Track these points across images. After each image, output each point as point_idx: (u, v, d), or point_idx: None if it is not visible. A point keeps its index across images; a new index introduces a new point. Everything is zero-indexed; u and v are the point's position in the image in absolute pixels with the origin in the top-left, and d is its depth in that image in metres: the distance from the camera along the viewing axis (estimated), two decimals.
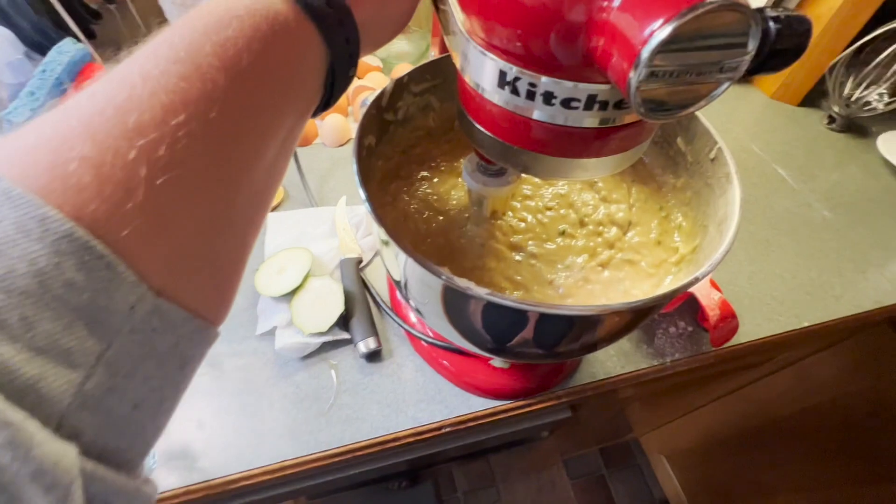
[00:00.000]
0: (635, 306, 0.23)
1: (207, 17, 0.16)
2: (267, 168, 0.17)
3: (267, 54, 0.16)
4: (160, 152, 0.13)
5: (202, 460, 0.39)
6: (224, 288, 0.17)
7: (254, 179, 0.17)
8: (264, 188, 0.18)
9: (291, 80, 0.17)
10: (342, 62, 0.19)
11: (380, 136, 0.34)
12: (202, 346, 0.16)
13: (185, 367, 0.15)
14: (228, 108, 0.15)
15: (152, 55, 0.15)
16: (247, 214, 0.17)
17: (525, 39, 0.18)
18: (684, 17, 0.14)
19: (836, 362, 0.75)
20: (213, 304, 0.16)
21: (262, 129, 0.16)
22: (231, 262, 0.17)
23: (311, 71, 0.18)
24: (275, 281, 0.46)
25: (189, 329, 0.15)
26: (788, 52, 0.16)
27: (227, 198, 0.16)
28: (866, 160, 0.69)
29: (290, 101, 0.18)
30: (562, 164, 0.23)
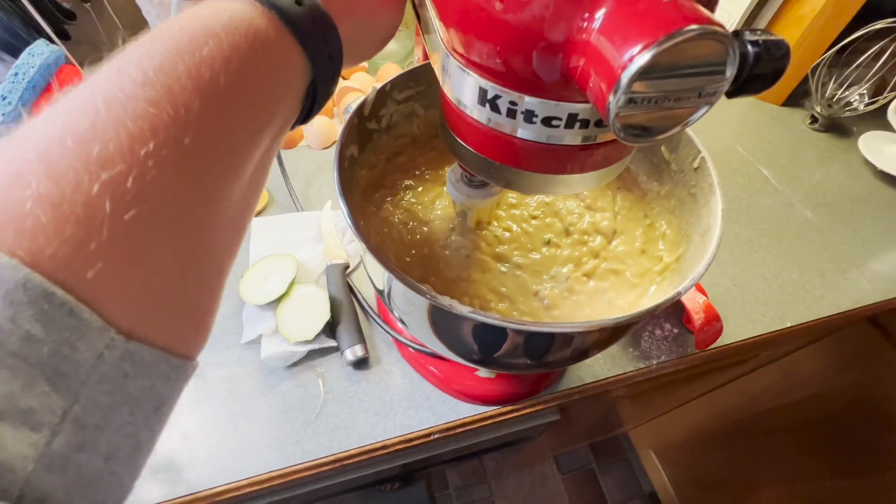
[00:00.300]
0: (616, 323, 0.23)
1: (180, 35, 0.14)
2: (244, 189, 0.17)
3: (246, 74, 0.15)
4: (127, 185, 0.12)
5: (187, 473, 0.38)
6: (201, 319, 0.16)
7: (231, 203, 0.16)
8: (242, 210, 0.17)
9: (271, 99, 0.17)
10: (324, 78, 0.19)
11: (363, 146, 0.34)
12: (180, 382, 0.15)
13: (162, 407, 0.15)
14: (203, 133, 0.14)
15: (117, 77, 0.14)
16: (224, 240, 0.16)
17: (505, 57, 0.18)
18: (663, 45, 0.14)
19: (818, 359, 0.76)
20: (190, 338, 0.16)
21: (239, 150, 0.16)
22: (208, 292, 0.16)
23: (292, 88, 0.18)
24: (259, 288, 0.45)
25: (165, 369, 0.14)
26: (767, 77, 0.16)
27: (202, 226, 0.15)
28: (848, 160, 0.70)
29: (270, 120, 0.17)
30: (544, 180, 0.23)
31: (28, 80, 0.46)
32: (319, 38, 0.17)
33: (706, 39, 0.14)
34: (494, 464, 1.27)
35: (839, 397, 0.78)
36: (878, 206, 0.64)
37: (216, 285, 0.17)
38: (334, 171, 0.27)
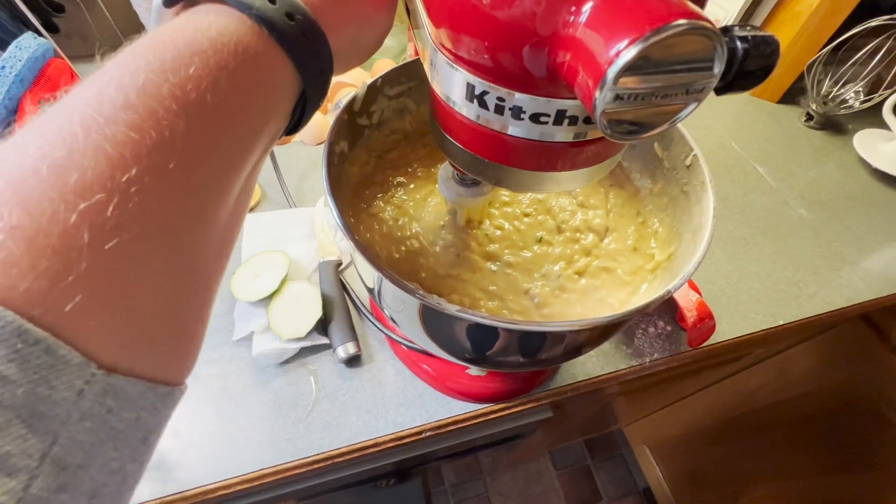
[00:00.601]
0: (606, 321, 0.23)
1: (164, 52, 0.14)
2: (231, 208, 0.16)
3: (235, 92, 0.14)
4: (108, 213, 0.12)
5: (178, 470, 0.38)
6: (189, 345, 0.16)
7: (219, 224, 0.15)
8: (229, 229, 0.17)
9: (261, 116, 0.16)
10: (314, 91, 0.18)
11: (353, 142, 0.33)
12: (167, 410, 0.15)
13: (150, 437, 0.14)
14: (190, 157, 0.13)
15: (96, 99, 0.13)
16: (211, 262, 0.16)
17: (491, 52, 0.18)
18: (650, 40, 0.13)
19: (811, 356, 0.77)
20: (177, 365, 0.15)
21: (227, 170, 0.15)
22: (195, 317, 0.16)
23: (282, 102, 0.17)
24: (251, 285, 0.45)
25: (151, 399, 0.14)
26: (756, 73, 0.15)
27: (189, 251, 0.14)
28: (843, 157, 0.70)
29: (259, 136, 0.16)
30: (534, 178, 0.22)
31: (16, 74, 0.46)
32: (310, 52, 0.17)
33: (694, 35, 0.13)
34: (490, 460, 1.27)
35: (832, 394, 0.79)
36: (873, 204, 0.64)
37: (204, 309, 0.16)
38: (323, 167, 0.27)
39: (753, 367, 0.80)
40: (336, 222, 0.25)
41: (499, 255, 0.32)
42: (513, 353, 0.27)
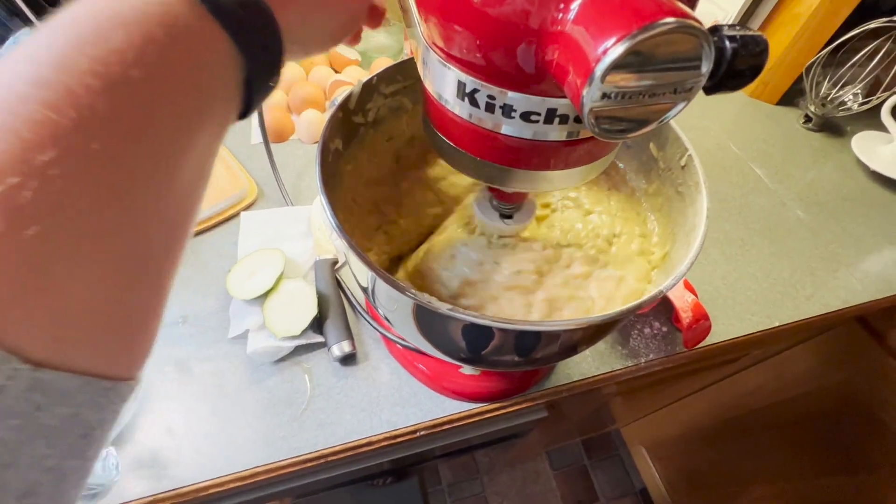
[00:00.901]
0: (598, 321, 0.23)
1: (84, 24, 0.12)
2: (182, 193, 0.15)
3: (164, 67, 0.13)
4: (24, 199, 0.11)
5: (172, 467, 0.38)
6: (136, 339, 0.15)
7: (165, 209, 0.15)
8: (179, 216, 0.16)
9: (197, 94, 0.15)
10: (261, 71, 0.17)
11: (348, 140, 0.33)
12: (113, 405, 0.14)
13: (93, 433, 0.14)
14: (116, 137, 0.12)
15: (7, 74, 0.12)
16: (158, 251, 0.15)
17: (481, 50, 0.18)
18: (637, 38, 0.13)
19: (808, 358, 0.77)
20: (121, 359, 0.14)
21: (164, 153, 0.14)
22: (141, 309, 0.15)
23: (223, 81, 0.16)
24: (247, 283, 0.45)
25: (89, 394, 0.13)
26: (745, 72, 0.15)
27: (127, 240, 0.13)
28: (841, 159, 0.70)
29: (198, 117, 0.15)
30: (526, 176, 0.22)
31: None
32: (251, 26, 0.16)
33: (681, 33, 0.13)
34: (487, 459, 1.27)
35: (829, 396, 0.79)
36: (870, 206, 0.64)
37: (152, 301, 0.15)
38: (316, 165, 0.27)
39: (750, 368, 0.80)
40: (328, 218, 0.25)
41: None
42: (506, 352, 0.27)
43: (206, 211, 0.50)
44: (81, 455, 0.14)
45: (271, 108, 0.60)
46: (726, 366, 0.76)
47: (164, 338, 0.44)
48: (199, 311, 0.46)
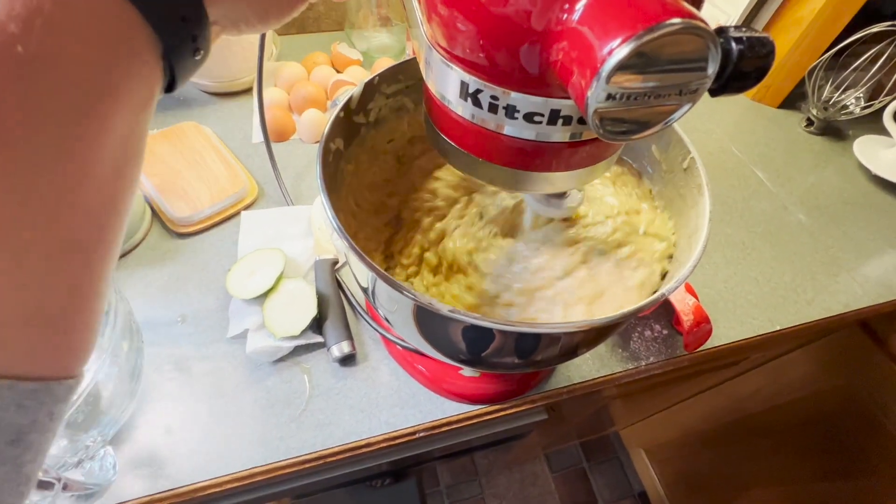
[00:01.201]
0: (599, 324, 0.22)
1: None
2: (100, 181, 0.14)
3: (56, 40, 0.12)
4: None
5: (169, 467, 0.38)
6: (64, 338, 0.14)
7: (82, 200, 0.14)
8: (105, 203, 0.15)
9: (104, 72, 0.14)
10: (178, 42, 0.15)
11: (349, 140, 0.33)
12: (44, 406, 0.13)
13: (23, 437, 0.13)
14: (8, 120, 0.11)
15: None
16: (82, 241, 0.14)
17: (485, 50, 0.18)
18: (643, 38, 0.13)
19: (808, 362, 0.77)
20: (48, 357, 0.14)
21: (71, 137, 0.13)
22: (66, 306, 0.14)
23: (135, 55, 0.14)
24: (246, 283, 0.45)
25: (10, 398, 0.12)
26: (751, 74, 0.15)
27: (34, 229, 0.12)
28: (843, 163, 0.70)
29: (110, 97, 0.14)
30: (527, 177, 0.22)
31: None
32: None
33: (687, 34, 0.13)
34: (485, 461, 1.27)
35: (828, 400, 0.78)
36: (872, 211, 0.64)
37: (79, 297, 0.14)
38: (317, 164, 0.27)
39: (750, 372, 0.80)
40: (328, 218, 0.24)
41: None
42: (507, 354, 0.27)
43: (206, 210, 0.50)
44: (14, 461, 0.13)
45: (272, 107, 0.60)
46: (726, 369, 0.75)
47: (162, 337, 0.44)
48: (198, 310, 0.45)
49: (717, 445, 1.03)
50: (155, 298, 0.46)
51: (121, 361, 0.36)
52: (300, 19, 0.73)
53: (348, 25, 0.70)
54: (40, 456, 0.14)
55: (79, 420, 0.33)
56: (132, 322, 0.38)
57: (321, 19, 0.74)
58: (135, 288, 0.46)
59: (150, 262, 0.48)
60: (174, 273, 0.48)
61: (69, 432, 0.33)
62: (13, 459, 0.13)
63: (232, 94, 0.65)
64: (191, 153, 0.54)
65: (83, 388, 0.31)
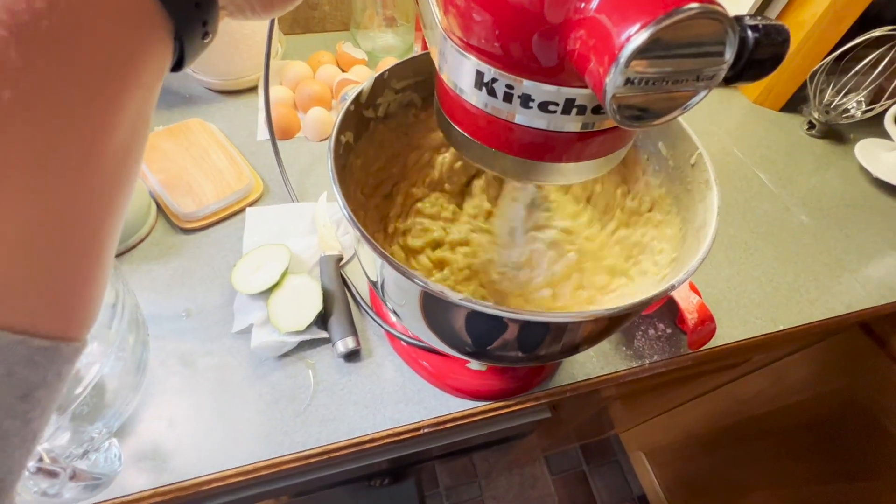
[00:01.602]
0: (610, 314, 0.23)
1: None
2: (112, 158, 0.15)
3: (77, 16, 0.13)
4: None
5: (173, 461, 0.38)
6: (73, 299, 0.15)
7: (97, 172, 0.14)
8: (115, 178, 0.15)
9: (120, 48, 0.14)
10: (191, 29, 0.16)
11: (359, 134, 0.33)
12: (53, 365, 0.14)
13: (33, 393, 0.13)
14: (31, 88, 0.12)
15: None
16: (90, 208, 0.15)
17: (501, 40, 0.18)
18: (661, 24, 0.13)
19: (809, 364, 0.77)
20: (59, 316, 0.14)
21: (84, 104, 0.13)
22: (75, 268, 0.15)
23: (148, 31, 0.15)
24: (252, 278, 0.45)
25: (24, 353, 0.13)
26: (766, 62, 0.15)
27: (53, 191, 0.13)
28: (844, 166, 0.70)
29: (132, 72, 0.15)
30: (540, 168, 0.22)
31: None
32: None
33: (706, 19, 0.13)
34: (485, 463, 1.27)
35: (829, 403, 0.79)
36: (873, 213, 0.65)
37: (87, 260, 0.15)
38: (329, 157, 0.27)
39: (751, 374, 0.80)
40: (340, 207, 0.25)
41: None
42: (515, 345, 0.27)
43: (212, 205, 0.50)
44: (22, 416, 0.13)
45: (278, 105, 0.60)
46: (726, 371, 0.76)
47: (167, 331, 0.44)
48: (203, 304, 0.45)
49: (718, 448, 1.03)
50: (160, 293, 0.46)
51: (126, 354, 0.36)
52: (305, 19, 0.74)
53: (353, 25, 0.71)
54: (46, 414, 0.14)
55: (84, 412, 0.33)
56: (139, 315, 0.38)
57: (326, 19, 0.75)
58: (140, 282, 0.46)
59: (155, 257, 0.48)
60: (179, 268, 0.48)
61: (74, 424, 0.33)
62: (23, 414, 0.13)
63: (237, 91, 0.65)
64: (196, 149, 0.54)
65: (89, 381, 0.31)
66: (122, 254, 0.48)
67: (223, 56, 0.61)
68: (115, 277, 0.33)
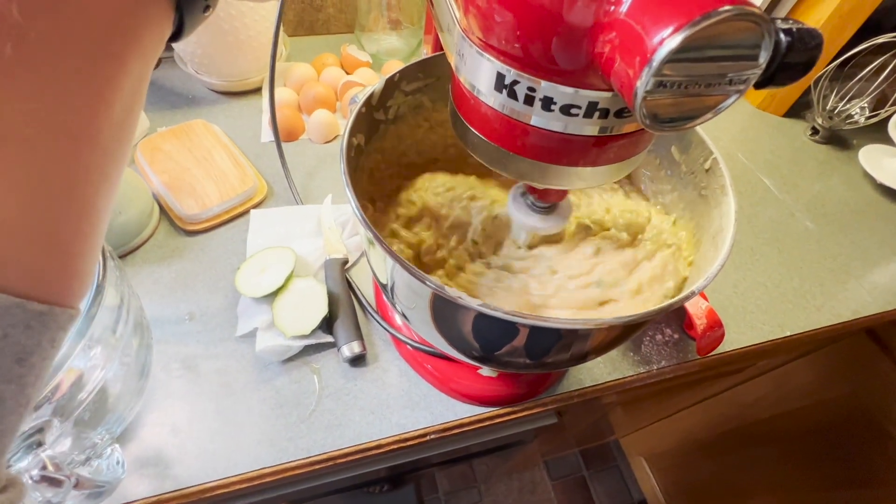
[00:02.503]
0: (626, 321, 0.22)
1: None
2: (114, 121, 0.15)
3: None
4: None
5: (176, 467, 0.37)
6: (68, 263, 0.15)
7: (97, 136, 0.14)
8: (112, 145, 0.15)
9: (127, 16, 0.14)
10: (192, 1, 0.16)
11: (369, 136, 0.33)
12: (48, 332, 0.14)
13: (28, 358, 0.13)
14: (34, 46, 0.12)
15: None
16: (88, 175, 0.15)
17: (526, 41, 0.18)
18: (697, 26, 0.13)
19: (813, 369, 0.77)
20: (53, 281, 0.14)
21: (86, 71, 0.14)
22: (72, 233, 0.15)
23: (150, 6, 0.15)
24: (256, 281, 0.44)
25: (20, 316, 0.13)
26: (798, 66, 0.15)
27: (50, 153, 0.13)
28: (848, 172, 0.70)
29: (133, 36, 0.15)
30: (558, 172, 0.22)
31: None
32: None
33: (742, 21, 0.13)
34: (485, 468, 1.26)
35: (832, 409, 0.78)
36: (877, 219, 0.65)
37: (83, 224, 0.15)
38: (341, 158, 0.27)
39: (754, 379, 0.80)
40: (353, 209, 0.24)
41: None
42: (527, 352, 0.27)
43: (216, 207, 0.50)
44: (18, 381, 0.13)
45: (282, 107, 0.60)
46: (731, 376, 0.75)
47: (170, 335, 0.43)
48: (207, 308, 0.45)
49: (719, 454, 1.03)
50: (163, 296, 0.45)
51: (130, 359, 0.35)
52: (310, 21, 0.74)
53: (358, 28, 0.70)
54: (39, 381, 0.14)
55: (85, 418, 0.32)
56: (143, 318, 0.37)
57: (331, 21, 0.75)
58: (143, 285, 0.46)
59: (158, 260, 0.48)
60: (182, 270, 0.47)
61: (76, 430, 0.32)
62: (18, 378, 0.13)
63: (241, 93, 0.64)
64: (200, 151, 0.54)
65: (94, 385, 0.30)
66: (124, 256, 0.47)
67: (227, 57, 0.60)
68: (119, 280, 0.33)
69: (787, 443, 0.88)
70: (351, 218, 0.51)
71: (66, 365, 0.27)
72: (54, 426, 0.28)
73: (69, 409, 0.29)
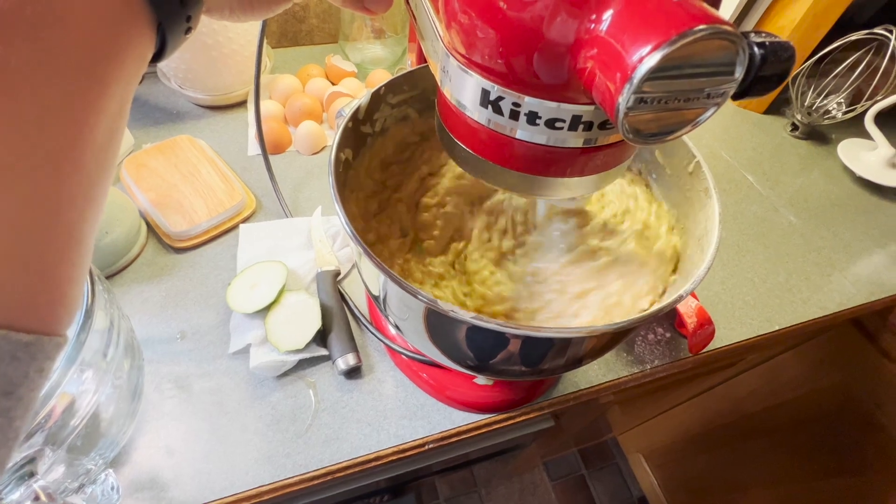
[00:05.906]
0: (617, 328, 0.23)
1: None
2: (97, 145, 0.15)
3: (63, 3, 0.13)
4: None
5: (172, 489, 0.37)
6: (53, 291, 0.14)
7: (80, 159, 0.14)
8: (96, 169, 0.15)
9: (108, 40, 0.14)
10: (174, 23, 0.16)
11: (357, 150, 0.33)
12: (35, 362, 0.14)
13: (15, 391, 0.13)
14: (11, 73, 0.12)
15: None
16: (70, 201, 0.14)
17: (508, 58, 0.18)
18: (674, 45, 0.13)
19: (802, 362, 0.78)
20: (40, 310, 0.14)
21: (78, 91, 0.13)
22: (56, 260, 0.14)
23: (132, 29, 0.15)
24: (248, 296, 0.44)
25: (6, 348, 0.13)
26: (772, 78, 0.16)
27: (45, 182, 0.13)
28: (828, 166, 0.72)
29: (115, 58, 0.14)
30: (544, 183, 0.22)
31: None
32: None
33: (717, 39, 0.14)
34: (484, 472, 1.26)
35: (823, 399, 0.80)
36: (857, 211, 0.66)
37: (67, 251, 0.15)
38: (329, 175, 0.27)
39: (745, 373, 0.81)
40: (343, 225, 0.24)
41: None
42: (519, 360, 0.27)
43: (204, 223, 0.49)
44: (6, 414, 0.13)
45: (268, 119, 0.60)
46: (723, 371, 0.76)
47: (161, 354, 0.43)
48: (198, 325, 0.44)
49: (715, 448, 1.04)
50: (153, 315, 0.45)
51: (122, 381, 0.35)
52: (293, 32, 0.74)
53: (342, 38, 0.70)
54: (28, 413, 0.14)
55: (78, 444, 0.32)
56: (133, 339, 0.37)
57: (314, 32, 0.75)
58: (132, 305, 0.45)
59: (147, 278, 0.47)
60: (172, 288, 0.47)
61: (69, 457, 0.31)
62: (6, 411, 0.13)
63: (225, 107, 0.64)
64: (186, 166, 0.54)
65: (86, 411, 0.30)
66: (112, 275, 0.46)
67: (211, 71, 0.60)
68: (108, 302, 0.32)
69: (780, 434, 0.89)
70: (342, 229, 0.51)
71: (57, 391, 0.27)
72: (46, 455, 0.28)
73: (61, 437, 0.29)
